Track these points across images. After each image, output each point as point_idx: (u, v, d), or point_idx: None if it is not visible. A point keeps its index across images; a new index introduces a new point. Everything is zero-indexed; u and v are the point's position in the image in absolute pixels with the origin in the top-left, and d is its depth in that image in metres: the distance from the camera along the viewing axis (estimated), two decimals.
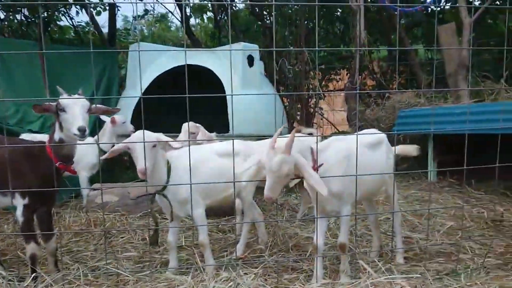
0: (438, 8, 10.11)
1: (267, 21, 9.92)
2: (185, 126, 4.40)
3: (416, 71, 9.48)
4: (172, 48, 6.78)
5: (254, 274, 2.75)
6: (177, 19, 11.84)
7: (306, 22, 10.87)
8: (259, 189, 3.76)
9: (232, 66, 5.57)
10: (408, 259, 3.27)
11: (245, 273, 2.75)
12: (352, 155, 2.72)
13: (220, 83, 5.72)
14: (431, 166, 5.97)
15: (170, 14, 11.14)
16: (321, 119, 9.70)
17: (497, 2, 9.60)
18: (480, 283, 2.64)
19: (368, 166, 2.87)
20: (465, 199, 5.05)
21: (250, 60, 5.79)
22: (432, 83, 6.78)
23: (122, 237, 3.87)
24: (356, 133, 3.02)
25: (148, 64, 6.10)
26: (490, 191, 5.34)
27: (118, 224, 4.35)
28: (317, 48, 2.93)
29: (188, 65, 5.82)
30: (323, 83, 11.18)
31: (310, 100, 9.42)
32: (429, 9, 10.18)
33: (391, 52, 10.98)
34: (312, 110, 8.81)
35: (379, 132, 3.37)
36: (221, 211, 4.43)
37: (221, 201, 3.30)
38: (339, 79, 11.33)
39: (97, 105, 3.08)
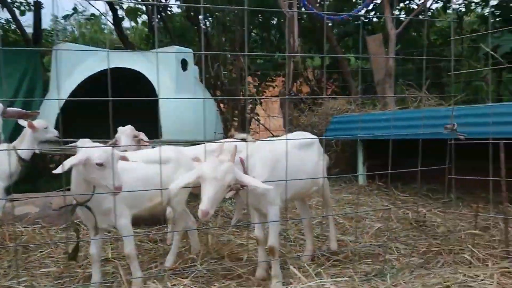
0: (366, 20, 10.61)
1: (203, 26, 9.86)
2: (126, 130, 4.20)
3: (348, 79, 9.87)
4: (93, 48, 6.42)
5: (184, 284, 2.64)
6: (109, 21, 11.41)
7: (242, 28, 10.96)
8: (193, 196, 3.69)
9: (165, 70, 5.45)
10: (339, 262, 3.33)
11: (173, 285, 2.63)
12: (280, 157, 2.76)
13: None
14: (360, 170, 6.20)
15: (102, 16, 10.71)
16: (257, 125, 9.78)
17: (420, 16, 10.28)
18: (405, 282, 2.73)
19: (299, 166, 2.93)
20: (392, 201, 5.29)
21: (184, 64, 5.67)
22: (357, 90, 7.10)
23: (41, 251, 3.57)
24: (285, 137, 3.08)
25: (75, 66, 5.76)
26: (414, 194, 5.65)
27: (38, 237, 4.02)
28: (246, 53, 2.87)
29: (121, 69, 5.66)
30: (260, 89, 11.31)
31: (244, 105, 9.48)
32: (359, 20, 10.69)
33: (323, 60, 11.40)
34: (248, 116, 8.86)
35: (312, 136, 3.45)
36: (152, 221, 4.26)
37: (149, 210, 3.15)
38: (275, 85, 11.50)
39: (13, 108, 2.83)
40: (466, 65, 11.55)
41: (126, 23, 12.38)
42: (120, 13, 10.28)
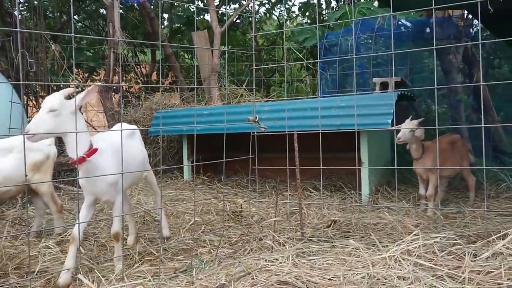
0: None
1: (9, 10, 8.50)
2: None
3: (177, 75, 9.79)
4: None
5: None
6: None
7: (59, 14, 9.90)
8: None
9: None
10: (151, 261, 3.18)
11: None
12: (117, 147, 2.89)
13: None
14: (185, 165, 6.16)
15: None
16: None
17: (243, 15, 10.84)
18: (209, 274, 2.72)
19: (130, 154, 3.13)
20: (214, 195, 5.38)
21: None
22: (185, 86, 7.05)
23: None
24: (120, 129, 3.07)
25: None
26: (236, 186, 5.86)
27: None
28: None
29: None
30: (87, 83, 10.37)
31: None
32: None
33: (154, 56, 11.11)
34: None
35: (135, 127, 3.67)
36: None
37: None
38: (100, 79, 10.72)
39: None
40: (287, 68, 12.70)
41: None
42: None
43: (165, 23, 11.44)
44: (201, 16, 10.63)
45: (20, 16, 8.71)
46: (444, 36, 5.96)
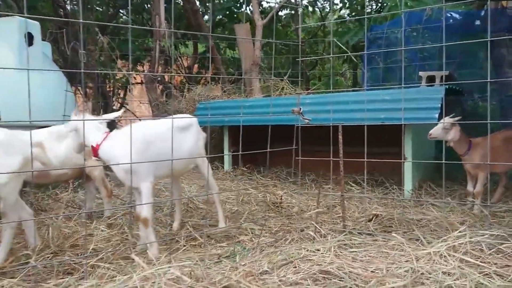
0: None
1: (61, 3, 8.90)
2: None
3: (218, 67, 9.93)
4: None
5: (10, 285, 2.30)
6: None
7: (107, 8, 10.24)
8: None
9: (4, 42, 4.77)
10: (196, 246, 3.29)
11: None
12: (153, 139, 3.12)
13: None
14: (226, 156, 6.26)
15: None
16: (124, 111, 9.28)
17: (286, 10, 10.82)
18: (252, 261, 2.79)
19: (176, 147, 3.17)
20: (253, 185, 5.45)
21: (30, 38, 5.00)
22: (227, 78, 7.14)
23: None
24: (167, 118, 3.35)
25: None
26: (274, 177, 5.91)
27: None
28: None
29: None
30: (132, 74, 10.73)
31: (113, 91, 8.91)
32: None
33: (196, 49, 11.32)
34: (116, 102, 8.38)
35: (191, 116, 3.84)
36: None
37: None
38: (144, 70, 11.03)
39: None
40: (328, 61, 12.59)
41: None
42: None
43: (206, 17, 11.58)
44: (243, 9, 10.69)
45: (71, 9, 9.10)
46: (496, 28, 5.70)
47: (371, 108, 4.58)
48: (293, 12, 11.19)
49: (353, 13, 10.08)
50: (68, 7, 8.20)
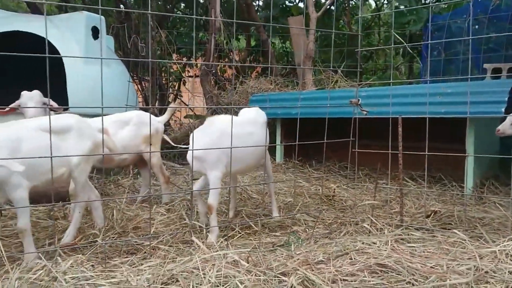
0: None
1: None
2: (34, 95, 3.85)
3: (271, 60, 9.95)
4: None
5: (79, 260, 2.47)
6: None
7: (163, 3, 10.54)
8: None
9: (72, 36, 5.06)
10: (250, 234, 3.36)
11: (66, 260, 2.45)
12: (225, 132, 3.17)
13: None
14: (278, 148, 6.29)
15: None
16: (179, 102, 9.55)
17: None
18: (307, 251, 2.81)
19: (247, 141, 3.31)
20: (306, 178, 5.44)
21: (95, 32, 5.28)
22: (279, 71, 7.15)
23: None
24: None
25: None
26: (328, 171, 5.86)
27: None
28: None
29: (21, 32, 5.13)
30: (186, 68, 11.01)
31: (168, 83, 9.20)
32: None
33: (249, 42, 11.40)
34: (171, 95, 8.64)
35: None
36: (57, 197, 3.95)
37: (48, 183, 2.91)
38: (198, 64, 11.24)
39: None
40: (382, 54, 12.24)
41: None
42: None
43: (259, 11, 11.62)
44: (295, 2, 10.63)
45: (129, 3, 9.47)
46: None
47: (430, 101, 4.42)
48: (345, 5, 10.98)
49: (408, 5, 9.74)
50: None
